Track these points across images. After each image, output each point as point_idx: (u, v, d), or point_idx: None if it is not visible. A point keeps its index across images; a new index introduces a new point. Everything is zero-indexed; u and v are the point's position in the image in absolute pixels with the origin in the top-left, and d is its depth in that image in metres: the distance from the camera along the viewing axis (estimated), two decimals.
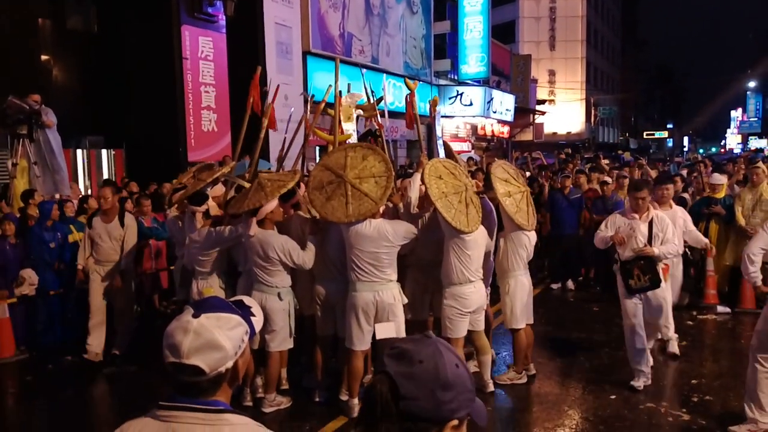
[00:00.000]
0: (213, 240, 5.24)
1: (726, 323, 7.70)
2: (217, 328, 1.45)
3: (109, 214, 6.46)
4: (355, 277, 4.85)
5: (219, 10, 11.89)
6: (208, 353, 1.44)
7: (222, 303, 1.53)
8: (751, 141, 56.56)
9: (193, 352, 1.43)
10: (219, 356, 1.45)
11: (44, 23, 11.36)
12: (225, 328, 1.47)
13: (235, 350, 1.48)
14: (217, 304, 1.52)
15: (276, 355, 5.08)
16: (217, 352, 1.45)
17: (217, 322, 1.47)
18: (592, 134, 41.85)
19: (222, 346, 1.45)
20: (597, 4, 49.11)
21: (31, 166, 8.23)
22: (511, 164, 6.35)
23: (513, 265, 5.56)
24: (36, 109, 8.17)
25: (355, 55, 16.42)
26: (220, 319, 1.47)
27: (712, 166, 13.05)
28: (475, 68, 23.13)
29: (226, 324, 1.47)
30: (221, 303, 1.53)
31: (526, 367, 5.81)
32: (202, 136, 11.84)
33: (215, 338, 1.44)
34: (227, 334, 1.46)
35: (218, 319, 1.47)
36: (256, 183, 5.06)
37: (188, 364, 1.43)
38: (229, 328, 1.47)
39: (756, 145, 49.41)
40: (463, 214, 4.96)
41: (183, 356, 1.43)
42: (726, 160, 19.48)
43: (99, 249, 6.44)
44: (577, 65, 44.23)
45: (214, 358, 1.45)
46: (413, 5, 20.06)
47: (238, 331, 1.49)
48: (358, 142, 6.23)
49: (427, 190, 5.01)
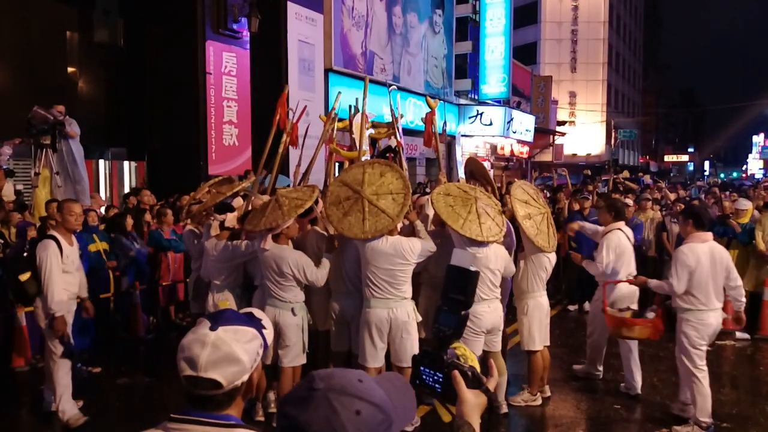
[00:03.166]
0: (229, 254, 5.27)
1: (745, 350, 7.58)
2: (234, 342, 1.43)
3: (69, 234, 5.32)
4: (369, 293, 4.84)
5: (244, 26, 12.06)
6: (226, 367, 1.42)
7: (237, 316, 1.52)
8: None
9: (211, 366, 1.41)
10: (237, 370, 1.43)
11: (72, 36, 11.60)
12: (242, 341, 1.44)
13: (251, 363, 1.46)
14: (232, 317, 1.50)
15: (289, 370, 5.06)
16: (235, 366, 1.42)
17: (235, 335, 1.44)
18: (612, 156, 41.63)
19: (240, 359, 1.43)
20: (619, 27, 49.10)
21: (53, 176, 8.34)
22: (531, 184, 6.31)
23: (532, 286, 5.51)
24: (60, 120, 8.30)
25: (377, 73, 16.54)
26: (238, 332, 1.45)
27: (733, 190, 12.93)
28: (496, 88, 23.17)
29: (243, 337, 1.45)
30: (236, 316, 1.51)
31: (542, 389, 5.76)
32: (223, 150, 11.96)
33: (234, 351, 1.42)
34: (245, 348, 1.44)
35: (236, 332, 1.44)
36: (273, 200, 5.08)
37: (205, 378, 1.41)
38: (246, 341, 1.45)
39: None
40: (475, 224, 4.88)
41: (200, 369, 1.41)
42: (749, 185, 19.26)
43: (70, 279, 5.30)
44: (598, 87, 44.17)
45: (231, 372, 1.42)
46: (435, 25, 20.19)
47: (254, 344, 1.47)
48: (376, 159, 6.25)
49: (434, 204, 5.01)
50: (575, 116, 42.61)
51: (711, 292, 5.03)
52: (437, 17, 20.29)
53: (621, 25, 49.98)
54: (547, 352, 5.76)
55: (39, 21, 10.90)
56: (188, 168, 11.32)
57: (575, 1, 43.56)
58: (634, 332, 5.43)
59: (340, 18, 15.23)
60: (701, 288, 5.01)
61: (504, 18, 22.72)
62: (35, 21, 10.85)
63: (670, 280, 5.06)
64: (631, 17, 54.03)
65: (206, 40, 11.52)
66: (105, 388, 6.22)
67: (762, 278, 8.11)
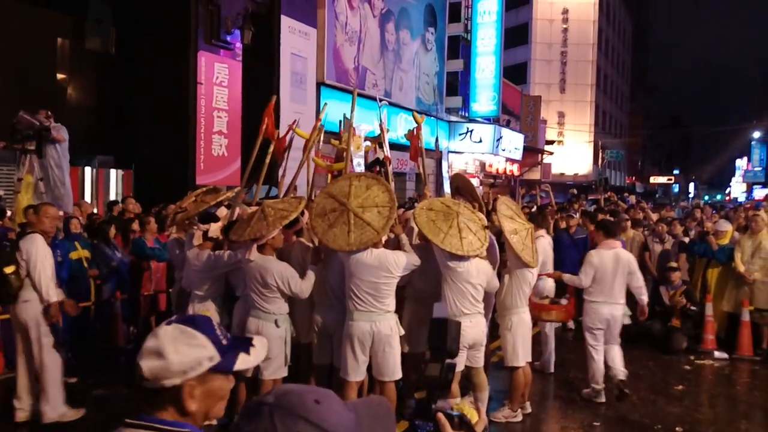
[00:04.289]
0: (211, 264, 5.23)
1: (723, 369, 7.65)
2: (172, 339, 1.39)
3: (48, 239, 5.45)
4: (352, 306, 4.83)
5: (236, 38, 12.11)
6: (152, 359, 1.38)
7: (204, 323, 1.46)
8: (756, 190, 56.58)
9: (145, 354, 1.39)
10: (159, 365, 1.38)
11: (63, 43, 11.60)
12: (181, 342, 1.39)
13: (182, 368, 1.38)
14: (196, 322, 1.45)
15: (269, 383, 4.99)
16: (158, 360, 1.38)
17: (179, 334, 1.40)
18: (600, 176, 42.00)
19: (165, 355, 1.37)
20: (608, 50, 49.81)
21: (37, 182, 8.27)
22: (513, 201, 6.39)
23: (516, 302, 5.54)
24: (46, 125, 8.25)
25: (369, 88, 16.63)
26: (184, 333, 1.40)
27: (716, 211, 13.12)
28: (486, 107, 23.35)
29: (185, 339, 1.40)
30: (203, 323, 1.46)
31: (522, 405, 5.77)
32: (212, 161, 11.96)
33: (163, 346, 1.38)
34: (178, 348, 1.38)
35: (182, 332, 1.40)
36: (259, 211, 5.07)
37: (139, 364, 1.40)
38: (185, 343, 1.39)
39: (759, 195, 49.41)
40: (455, 238, 4.90)
41: (139, 356, 1.40)
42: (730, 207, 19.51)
43: None
44: (586, 108, 44.67)
45: (155, 365, 1.38)
46: (428, 43, 20.37)
47: (195, 351, 1.40)
48: (363, 172, 6.29)
49: (415, 219, 5.06)
50: (563, 136, 43.01)
51: (610, 289, 6.13)
52: (429, 35, 20.48)
53: (610, 47, 50.67)
54: (529, 369, 5.78)
55: (31, 28, 10.89)
56: (176, 177, 11.27)
57: (565, 23, 44.14)
58: (551, 315, 6.63)
59: (333, 33, 15.33)
60: (602, 284, 6.14)
61: (495, 38, 22.94)
62: (27, 27, 10.85)
63: (580, 275, 6.22)
64: (620, 40, 54.78)
65: (198, 51, 11.55)
66: (79, 399, 6.04)
67: (740, 299, 8.20)
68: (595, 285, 6.17)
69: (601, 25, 45.96)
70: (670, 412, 6.06)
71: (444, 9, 21.45)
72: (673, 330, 8.17)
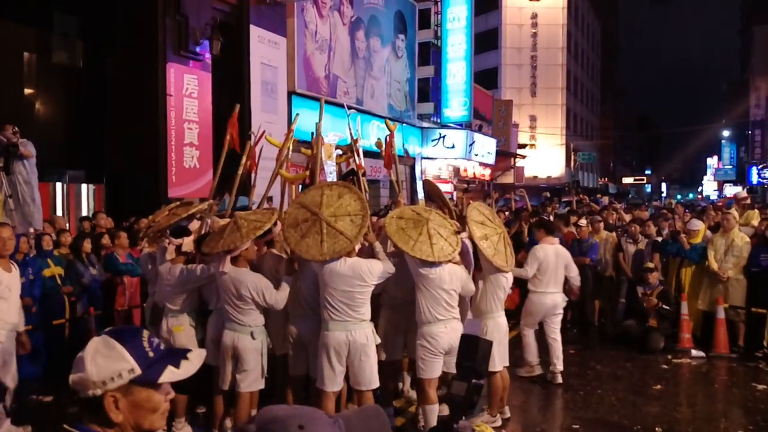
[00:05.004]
0: (184, 278, 5.16)
1: (700, 367, 7.73)
2: (93, 351, 1.44)
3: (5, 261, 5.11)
4: (327, 316, 4.79)
5: (205, 48, 12.00)
6: (76, 369, 1.45)
7: (130, 336, 1.49)
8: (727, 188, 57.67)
9: (74, 365, 1.46)
10: (79, 376, 1.43)
11: (30, 57, 11.40)
12: (101, 354, 1.43)
13: (101, 379, 1.42)
14: (123, 335, 1.49)
15: (246, 395, 4.96)
16: (79, 372, 1.43)
17: (101, 346, 1.45)
18: (572, 178, 42.48)
19: (85, 366, 1.43)
20: (577, 53, 50.47)
21: (6, 199, 8.12)
22: (486, 205, 6.42)
23: (491, 307, 5.54)
24: (13, 142, 8.11)
25: (340, 96, 16.61)
26: (106, 345, 1.45)
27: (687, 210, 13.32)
28: (458, 112, 23.46)
29: (106, 351, 1.44)
30: (129, 336, 1.49)
31: (501, 410, 5.77)
32: (184, 173, 11.83)
33: (84, 356, 1.44)
34: (96, 360, 1.43)
35: (105, 344, 1.45)
36: (232, 222, 5.03)
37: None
38: (104, 355, 1.44)
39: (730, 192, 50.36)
40: (426, 245, 4.90)
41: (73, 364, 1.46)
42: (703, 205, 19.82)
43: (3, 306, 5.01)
44: (558, 111, 45.20)
45: (76, 376, 1.44)
46: (398, 50, 20.43)
47: (113, 363, 1.43)
48: (335, 181, 6.26)
49: (386, 228, 5.05)
50: (536, 139, 43.44)
51: (550, 280, 6.81)
52: (400, 42, 20.54)
53: (579, 51, 51.35)
54: (507, 373, 5.79)
55: None
56: (148, 191, 11.13)
57: (534, 28, 44.65)
58: None
59: (303, 41, 15.29)
60: (545, 276, 6.76)
61: (465, 44, 23.08)
62: None
63: (525, 267, 6.79)
64: (588, 44, 55.55)
65: (167, 62, 11.42)
66: (54, 417, 5.97)
67: (715, 297, 8.30)
68: (539, 276, 6.80)
69: (570, 29, 46.58)
70: (649, 412, 6.10)
71: (414, 16, 21.54)
72: (650, 330, 8.24)
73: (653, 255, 9.03)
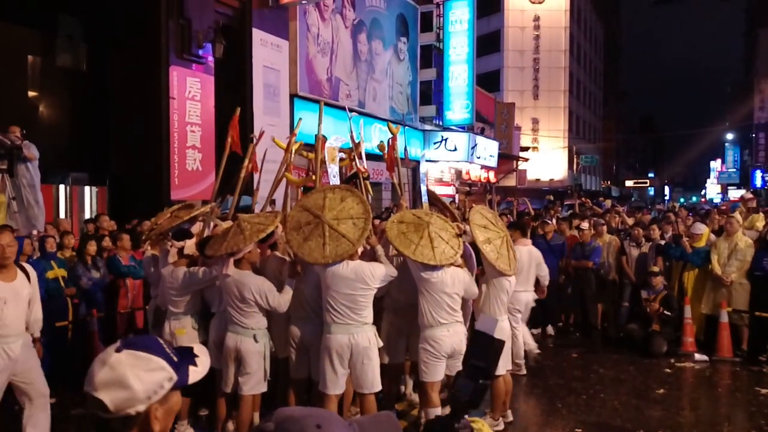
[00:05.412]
0: (187, 281, 5.16)
1: (703, 371, 7.71)
2: (131, 367, 1.38)
3: (9, 269, 4.78)
4: (330, 319, 4.79)
5: (208, 52, 12.03)
6: (115, 390, 1.37)
7: (153, 344, 1.45)
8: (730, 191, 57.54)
9: (102, 386, 1.37)
10: (125, 396, 1.37)
11: (34, 60, 11.44)
12: (141, 369, 1.39)
13: (147, 394, 1.39)
14: (146, 344, 1.44)
15: (249, 398, 4.97)
16: (124, 392, 1.37)
17: (135, 360, 1.39)
18: (575, 181, 42.43)
19: (130, 386, 1.37)
20: (579, 55, 50.43)
21: (10, 201, 8.14)
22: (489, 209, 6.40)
23: (494, 310, 5.52)
24: (18, 144, 8.13)
25: (342, 98, 16.62)
26: (140, 359, 1.40)
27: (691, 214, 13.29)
28: (460, 115, 23.46)
29: (143, 365, 1.39)
30: (152, 343, 1.45)
31: (503, 414, 5.76)
32: (187, 175, 11.85)
33: (125, 376, 1.37)
34: (140, 375, 1.38)
35: (137, 358, 1.39)
36: (235, 225, 5.03)
37: (96, 397, 1.38)
38: (145, 369, 1.39)
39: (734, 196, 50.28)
40: (427, 249, 4.90)
41: (93, 388, 1.38)
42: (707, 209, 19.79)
43: None
44: (560, 114, 45.13)
45: (119, 397, 1.37)
46: (400, 53, 20.44)
47: (155, 375, 1.40)
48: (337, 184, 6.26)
49: (387, 233, 5.05)
50: (538, 142, 43.40)
51: (526, 279, 7.05)
52: (402, 45, 20.55)
53: (581, 53, 51.31)
54: (509, 377, 5.78)
55: (0, 44, 10.74)
56: (151, 193, 11.15)
57: (537, 30, 44.63)
58: None
59: (306, 44, 15.31)
60: (521, 275, 6.76)
61: (467, 46, 23.08)
62: None
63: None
64: (591, 46, 55.52)
65: (170, 65, 11.45)
66: (59, 418, 6.01)
67: (718, 301, 8.28)
68: (516, 276, 6.65)
69: (572, 32, 46.54)
70: (652, 416, 6.09)
71: (416, 18, 21.55)
72: (653, 334, 8.22)
73: (656, 258, 9.02)
